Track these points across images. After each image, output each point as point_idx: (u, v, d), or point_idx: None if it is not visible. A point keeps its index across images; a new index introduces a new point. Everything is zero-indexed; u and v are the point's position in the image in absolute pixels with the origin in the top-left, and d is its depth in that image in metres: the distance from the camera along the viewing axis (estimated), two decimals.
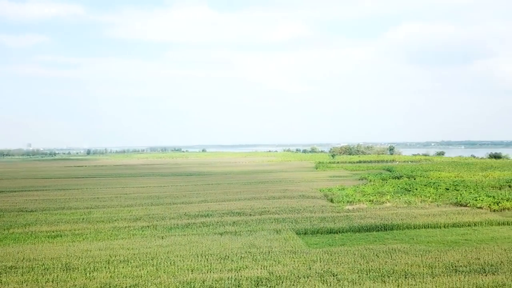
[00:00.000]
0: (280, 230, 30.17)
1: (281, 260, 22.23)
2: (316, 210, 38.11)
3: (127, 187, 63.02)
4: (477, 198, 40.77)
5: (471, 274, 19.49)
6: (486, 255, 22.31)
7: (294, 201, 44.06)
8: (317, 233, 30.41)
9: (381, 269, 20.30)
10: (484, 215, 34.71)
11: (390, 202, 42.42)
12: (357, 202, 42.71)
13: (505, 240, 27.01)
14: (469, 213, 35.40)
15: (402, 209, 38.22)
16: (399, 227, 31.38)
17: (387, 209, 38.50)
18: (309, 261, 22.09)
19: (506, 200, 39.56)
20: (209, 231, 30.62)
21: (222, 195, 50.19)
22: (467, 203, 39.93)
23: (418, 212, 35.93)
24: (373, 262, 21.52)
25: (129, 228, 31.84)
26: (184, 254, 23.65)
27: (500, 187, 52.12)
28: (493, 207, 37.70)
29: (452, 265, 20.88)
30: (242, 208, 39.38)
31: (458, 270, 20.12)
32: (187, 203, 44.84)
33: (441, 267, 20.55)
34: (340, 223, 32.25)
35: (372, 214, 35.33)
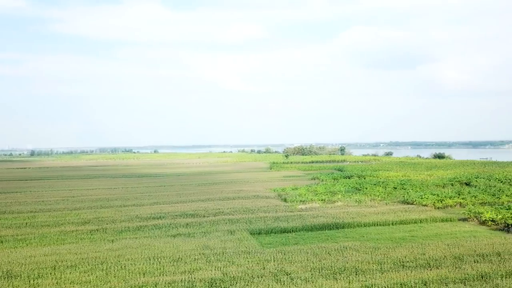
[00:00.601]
0: (234, 230, 30.08)
1: (235, 261, 22.15)
2: (270, 210, 38.35)
3: (74, 190, 60.50)
4: (422, 197, 42.64)
5: (417, 269, 20.33)
6: (431, 251, 23.34)
7: (248, 201, 44.13)
8: (271, 233, 30.60)
9: (333, 267, 20.73)
10: (429, 212, 36.36)
11: (341, 201, 43.49)
12: (310, 201, 43.43)
13: (448, 235, 28.41)
14: (415, 210, 36.96)
15: (353, 208, 39.28)
16: (350, 225, 32.21)
17: (339, 208, 39.44)
18: (263, 261, 22.16)
19: (449, 198, 41.67)
20: (162, 233, 30.00)
21: (175, 197, 49.39)
22: (414, 201, 41.67)
23: (368, 211, 37.07)
24: (325, 260, 21.93)
25: (77, 232, 30.56)
26: (136, 258, 22.99)
27: (443, 186, 54.87)
28: (437, 205, 39.58)
29: (400, 260, 21.67)
30: (196, 210, 38.93)
31: (405, 265, 20.92)
32: (139, 205, 43.72)
33: (389, 263, 21.27)
34: (293, 222, 32.65)
35: (324, 213, 36.05)
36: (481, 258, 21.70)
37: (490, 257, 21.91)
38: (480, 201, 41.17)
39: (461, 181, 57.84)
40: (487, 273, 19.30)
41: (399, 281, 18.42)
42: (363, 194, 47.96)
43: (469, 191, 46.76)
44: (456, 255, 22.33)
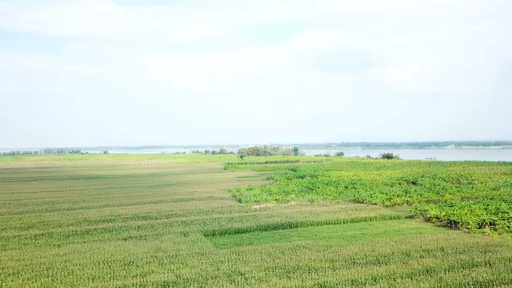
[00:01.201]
0: (188, 232, 29.67)
1: (189, 263, 21.83)
2: (224, 211, 38.18)
3: (17, 193, 57.32)
4: (372, 195, 44.07)
5: (367, 265, 20.94)
6: (380, 247, 24.13)
7: (202, 202, 43.71)
8: (226, 233, 30.46)
9: (287, 266, 20.92)
10: (378, 210, 37.62)
11: (295, 201, 44.08)
12: (264, 201, 43.68)
13: (396, 232, 29.51)
14: (366, 209, 38.12)
15: (306, 207, 39.91)
16: (303, 224, 32.69)
17: (292, 208, 39.93)
18: (217, 262, 21.99)
19: (397, 196, 43.34)
20: (112, 236, 29.04)
21: (126, 199, 48.02)
22: (364, 200, 42.98)
23: (320, 210, 37.80)
24: (279, 259, 22.10)
25: (19, 237, 28.93)
26: (84, 263, 22.09)
27: (392, 185, 57.03)
28: (386, 203, 41.03)
29: (351, 258, 22.24)
30: (148, 212, 38.04)
31: (356, 262, 21.49)
32: (87, 208, 42.10)
33: (341, 261, 21.77)
34: (248, 222, 32.67)
35: (278, 213, 36.37)
36: (427, 254, 22.70)
37: (434, 252, 22.97)
38: (425, 199, 43.12)
39: (408, 180, 60.37)
40: (432, 268, 20.20)
41: (350, 278, 18.89)
42: (315, 193, 48.87)
43: (416, 189, 48.86)
44: (404, 251, 23.23)
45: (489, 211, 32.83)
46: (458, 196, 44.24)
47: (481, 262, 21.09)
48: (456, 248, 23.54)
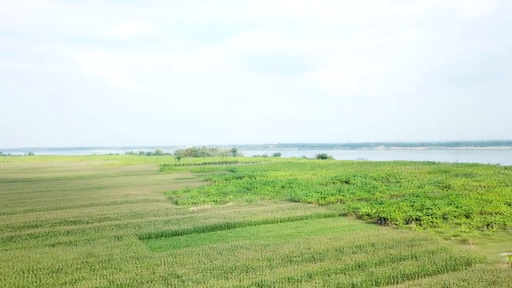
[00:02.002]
0: (122, 236, 28.58)
1: (123, 268, 21.00)
2: (160, 214, 37.26)
3: None
4: (307, 194, 45.20)
5: (303, 263, 21.39)
6: (315, 245, 24.76)
7: (137, 205, 42.34)
8: (162, 236, 29.73)
9: (224, 266, 20.80)
10: (313, 209, 38.65)
11: (233, 201, 44.08)
12: (202, 203, 43.24)
13: (330, 230, 30.46)
14: (301, 208, 39.01)
15: (244, 208, 40.05)
16: (241, 224, 32.74)
17: (230, 208, 39.89)
18: (152, 265, 21.36)
19: (331, 195, 44.81)
20: (38, 243, 27.24)
21: (53, 203, 45.30)
22: (300, 199, 43.98)
23: (258, 210, 38.11)
24: (216, 260, 21.93)
25: None
26: (7, 272, 20.47)
27: (326, 184, 58.90)
28: (320, 202, 42.27)
29: (288, 256, 22.59)
30: (78, 216, 36.16)
31: (293, 260, 21.87)
32: (10, 213, 39.18)
33: (278, 259, 22.05)
34: (185, 224, 32.14)
35: (216, 214, 36.15)
36: (359, 249, 23.64)
37: (366, 247, 23.98)
38: (357, 197, 45.00)
39: (341, 180, 62.69)
40: (364, 263, 21.06)
41: (287, 276, 19.17)
42: (253, 193, 49.22)
43: (348, 188, 50.83)
44: (337, 247, 24.01)
45: (415, 208, 34.96)
46: (387, 194, 46.63)
47: (408, 255, 22.34)
48: (386, 244, 24.74)
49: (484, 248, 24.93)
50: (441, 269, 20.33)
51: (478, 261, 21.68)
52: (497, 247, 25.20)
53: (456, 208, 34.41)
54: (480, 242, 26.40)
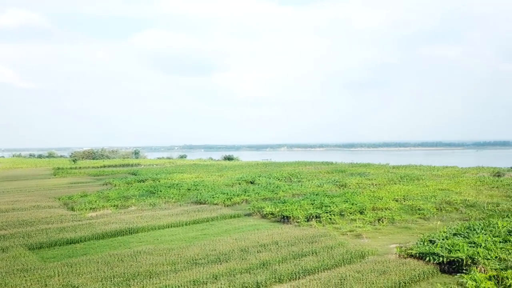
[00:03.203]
0: (8, 247, 25.77)
1: (9, 282, 18.89)
2: (53, 221, 34.37)
3: None
4: (213, 196, 45.11)
5: (209, 264, 21.20)
6: (221, 246, 24.72)
7: (25, 213, 38.57)
8: (55, 245, 27.39)
9: (126, 273, 19.79)
10: (219, 210, 38.66)
11: (135, 206, 42.34)
12: (101, 208, 40.84)
13: (235, 230, 30.68)
14: (207, 209, 38.79)
15: (147, 212, 38.67)
16: (144, 229, 31.53)
17: (132, 213, 38.24)
18: (44, 277, 19.54)
19: (236, 196, 45.24)
20: None
21: None
22: (206, 201, 43.72)
23: (162, 213, 37.06)
24: (117, 268, 20.78)
25: None
26: None
27: (232, 185, 59.38)
28: (226, 203, 42.45)
29: (193, 259, 22.23)
30: None
31: (198, 262, 21.57)
32: None
33: (183, 263, 21.58)
34: (82, 231, 30.02)
35: (117, 219, 34.37)
36: (263, 248, 24.10)
37: (269, 246, 24.54)
38: (262, 197, 46.03)
39: (247, 180, 63.70)
40: (268, 261, 21.52)
41: (192, 279, 18.82)
42: (157, 197, 47.79)
43: (253, 188, 51.80)
44: (242, 247, 24.24)
45: (315, 206, 36.75)
46: (290, 193, 48.41)
47: (309, 251, 23.34)
48: (288, 241, 25.58)
49: (375, 241, 26.99)
50: (338, 262, 21.55)
51: (371, 253, 23.41)
52: (386, 240, 27.45)
53: (352, 205, 36.86)
54: (373, 236, 28.55)
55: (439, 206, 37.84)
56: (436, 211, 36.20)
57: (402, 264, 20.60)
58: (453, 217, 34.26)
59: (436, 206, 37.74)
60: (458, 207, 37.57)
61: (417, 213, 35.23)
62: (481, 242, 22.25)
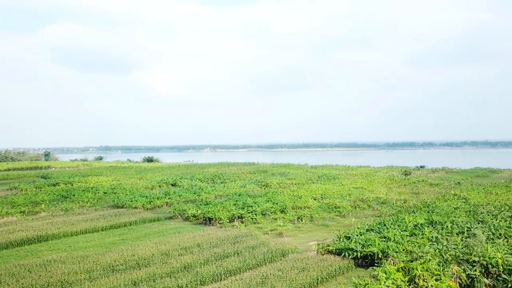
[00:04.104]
0: None
1: None
2: None
3: None
4: (132, 199, 43.43)
5: (128, 270, 20.30)
6: (140, 251, 23.81)
7: None
8: None
9: (35, 285, 18.25)
10: (139, 214, 37.28)
11: (46, 211, 39.38)
12: (6, 215, 37.37)
13: (156, 234, 29.77)
14: (126, 214, 37.22)
15: (59, 217, 36.14)
16: (56, 236, 29.39)
17: (42, 219, 35.48)
18: None
19: (157, 199, 43.97)
20: None
21: None
22: (124, 204, 41.93)
23: (77, 219, 34.86)
24: (24, 279, 19.08)
25: None
26: None
27: (152, 188, 57.65)
28: (146, 206, 41.07)
29: (110, 265, 21.15)
30: None
31: (116, 269, 20.55)
32: None
33: (99, 270, 20.44)
34: None
35: (24, 227, 31.66)
36: (185, 251, 23.64)
37: (192, 248, 24.14)
38: (184, 199, 45.24)
39: (168, 183, 62.26)
40: (190, 264, 21.13)
41: (109, 286, 17.88)
42: (71, 201, 44.90)
43: (175, 191, 50.73)
44: (164, 251, 23.56)
45: (238, 206, 36.92)
46: (213, 195, 48.16)
47: (232, 252, 23.33)
48: (211, 243, 25.37)
49: (296, 239, 27.76)
50: (261, 262, 21.80)
51: (292, 251, 24.01)
52: (306, 237, 28.35)
53: (273, 205, 37.60)
54: (293, 234, 29.33)
55: (354, 204, 40.01)
56: (352, 209, 38.23)
57: (321, 260, 21.38)
58: (367, 214, 36.39)
59: (352, 204, 39.87)
60: (371, 204, 40.02)
61: (334, 211, 36.89)
62: (392, 236, 23.84)
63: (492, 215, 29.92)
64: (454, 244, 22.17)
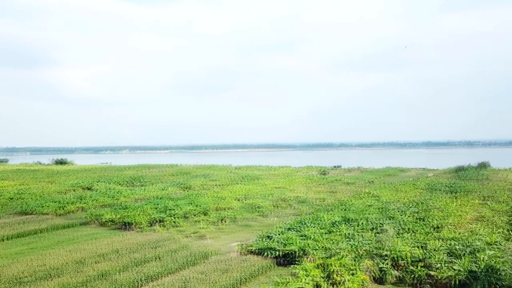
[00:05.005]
0: None
1: None
2: None
3: None
4: (43, 205, 40.38)
5: (37, 282, 18.80)
6: (51, 260, 22.18)
7: None
8: None
9: None
10: (50, 220, 34.76)
11: None
12: None
13: (70, 241, 27.95)
14: (35, 221, 34.52)
15: None
16: None
17: None
18: None
19: (71, 204, 41.32)
20: None
21: None
22: (33, 210, 38.84)
23: None
24: None
25: None
26: None
27: (65, 192, 54.05)
28: (58, 212, 38.40)
29: (16, 277, 19.45)
30: None
31: (23, 281, 18.94)
32: None
33: (3, 283, 18.69)
34: None
35: None
36: (102, 258, 22.46)
37: (109, 255, 23.01)
38: (101, 204, 43.01)
39: (83, 186, 58.79)
40: (107, 271, 20.11)
41: None
42: None
43: (91, 195, 48.10)
44: (78, 259, 22.18)
45: (159, 210, 35.93)
46: (132, 198, 46.38)
47: (152, 257, 22.62)
48: (130, 248, 24.38)
49: (218, 241, 27.66)
50: (182, 265, 21.38)
51: (214, 253, 23.87)
52: (229, 239, 28.38)
53: (196, 207, 37.16)
54: (215, 236, 29.21)
55: (275, 203, 40.90)
56: (273, 208, 39.03)
57: (243, 261, 21.50)
58: (288, 213, 37.38)
59: (273, 204, 40.73)
60: (291, 204, 41.18)
61: (256, 211, 37.40)
62: (310, 234, 24.70)
63: (401, 212, 32.28)
64: (368, 239, 23.54)
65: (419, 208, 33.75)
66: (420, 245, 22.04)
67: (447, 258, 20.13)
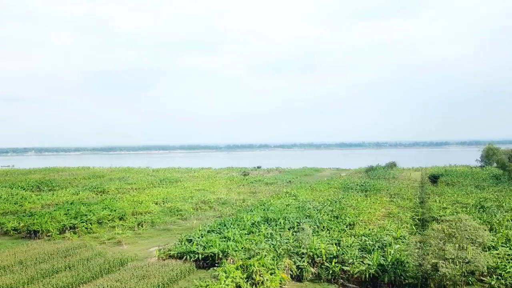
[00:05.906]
0: None
1: None
2: None
3: None
4: None
5: None
6: None
7: None
8: None
9: None
10: None
11: None
12: None
13: None
14: None
15: None
16: None
17: None
18: None
19: None
20: None
21: None
22: None
23: None
24: None
25: None
26: None
27: None
28: None
29: None
30: None
31: None
32: None
33: None
34: None
35: None
36: (4, 271, 20.49)
37: (12, 267, 21.05)
38: (2, 211, 39.24)
39: None
40: (10, 285, 18.36)
41: None
42: None
43: None
44: None
45: (70, 216, 33.64)
46: (39, 204, 42.97)
47: (62, 267, 21.08)
48: (37, 259, 22.51)
49: (136, 247, 26.60)
50: (96, 274, 20.20)
51: (131, 259, 22.87)
52: (147, 244, 27.42)
53: (111, 212, 35.42)
54: (133, 241, 28.05)
55: (196, 206, 40.38)
56: (194, 211, 38.49)
57: (162, 266, 20.85)
58: (209, 215, 37.08)
59: (194, 206, 40.17)
60: (212, 205, 40.94)
61: (176, 214, 36.60)
62: (231, 236, 24.70)
63: (317, 210, 33.57)
64: (286, 238, 24.12)
65: (334, 206, 35.39)
66: (335, 242, 23.08)
67: (359, 253, 21.29)
